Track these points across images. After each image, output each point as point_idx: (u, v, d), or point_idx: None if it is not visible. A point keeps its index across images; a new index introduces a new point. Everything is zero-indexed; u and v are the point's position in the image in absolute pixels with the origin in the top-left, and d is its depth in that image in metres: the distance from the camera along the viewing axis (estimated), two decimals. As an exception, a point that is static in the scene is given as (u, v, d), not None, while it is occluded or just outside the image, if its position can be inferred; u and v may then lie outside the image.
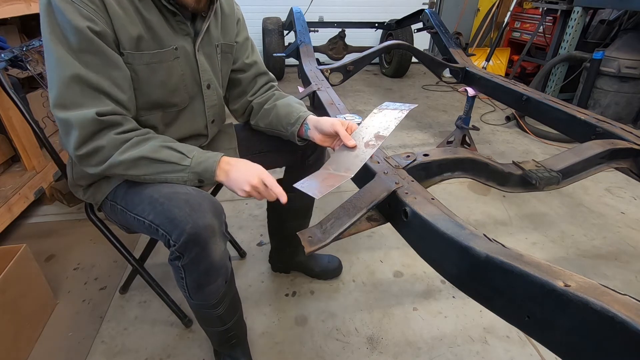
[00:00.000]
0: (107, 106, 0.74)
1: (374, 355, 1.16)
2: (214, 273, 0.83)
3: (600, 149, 1.10)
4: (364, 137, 0.91)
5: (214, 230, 0.77)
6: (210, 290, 0.86)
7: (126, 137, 0.76)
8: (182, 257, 0.78)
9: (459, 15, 4.89)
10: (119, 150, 0.76)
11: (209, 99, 0.96)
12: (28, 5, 1.69)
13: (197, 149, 0.83)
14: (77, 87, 0.72)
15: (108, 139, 0.75)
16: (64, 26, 0.70)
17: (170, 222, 0.76)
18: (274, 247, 1.43)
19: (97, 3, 0.71)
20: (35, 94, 1.91)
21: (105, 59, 0.74)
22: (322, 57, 4.22)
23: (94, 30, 0.71)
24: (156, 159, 0.78)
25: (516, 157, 2.48)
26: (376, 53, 2.09)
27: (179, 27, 0.84)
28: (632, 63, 2.60)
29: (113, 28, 0.74)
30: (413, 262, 1.52)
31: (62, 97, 0.72)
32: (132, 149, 0.76)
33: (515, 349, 1.18)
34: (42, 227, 1.71)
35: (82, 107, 0.72)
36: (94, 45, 0.72)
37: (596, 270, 1.50)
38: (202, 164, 0.80)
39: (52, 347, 1.16)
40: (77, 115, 0.72)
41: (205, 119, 0.98)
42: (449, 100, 3.66)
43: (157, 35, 0.80)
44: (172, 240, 0.77)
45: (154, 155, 0.77)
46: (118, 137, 0.75)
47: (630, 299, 0.46)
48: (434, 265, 0.75)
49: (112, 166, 0.77)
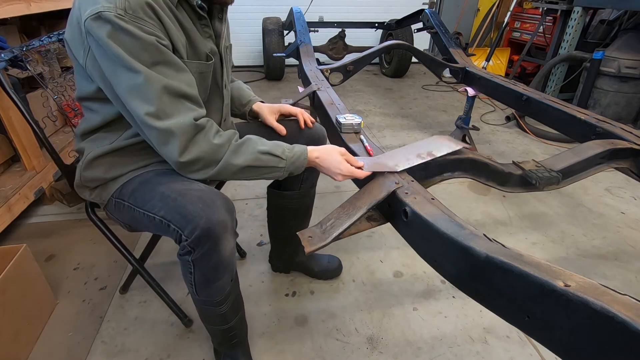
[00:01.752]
0: (195, 110, 0.79)
1: (374, 355, 1.16)
2: (222, 269, 0.85)
3: (600, 149, 1.10)
4: (419, 148, 1.02)
5: (226, 226, 0.80)
6: (217, 287, 0.88)
7: (221, 143, 0.81)
8: (194, 252, 0.79)
9: (459, 15, 4.89)
10: (224, 159, 0.82)
11: (226, 97, 1.00)
12: (28, 5, 1.69)
13: (284, 147, 0.89)
14: (166, 97, 0.75)
15: (206, 143, 0.80)
16: (135, 45, 0.71)
17: (183, 218, 0.78)
18: (274, 247, 1.43)
19: (153, 16, 0.73)
20: (35, 94, 1.91)
21: (176, 67, 0.77)
22: (322, 57, 4.22)
23: (161, 43, 0.74)
24: (259, 166, 0.85)
25: (516, 157, 2.48)
26: (376, 53, 2.09)
27: (203, 30, 0.87)
28: (632, 63, 2.60)
29: (170, 40, 0.77)
30: (413, 262, 1.52)
31: (157, 109, 0.74)
32: (235, 156, 0.83)
33: (515, 349, 1.18)
34: (42, 227, 1.71)
35: (177, 115, 0.76)
36: (164, 55, 0.75)
37: (596, 270, 1.50)
38: (295, 163, 0.88)
39: (52, 347, 1.16)
40: (176, 123, 0.75)
41: (221, 116, 1.00)
42: (449, 100, 3.66)
43: (194, 42, 0.84)
44: (184, 235, 0.78)
45: (256, 163, 0.85)
46: (215, 142, 0.80)
47: (630, 299, 0.46)
48: (434, 265, 0.75)
49: (221, 171, 0.83)
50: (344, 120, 1.15)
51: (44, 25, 2.18)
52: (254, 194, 1.99)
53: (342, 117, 1.17)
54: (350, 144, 1.09)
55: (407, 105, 3.51)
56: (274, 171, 0.88)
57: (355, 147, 1.07)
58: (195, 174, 0.83)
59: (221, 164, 0.82)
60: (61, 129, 2.20)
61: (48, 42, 1.22)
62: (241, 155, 0.83)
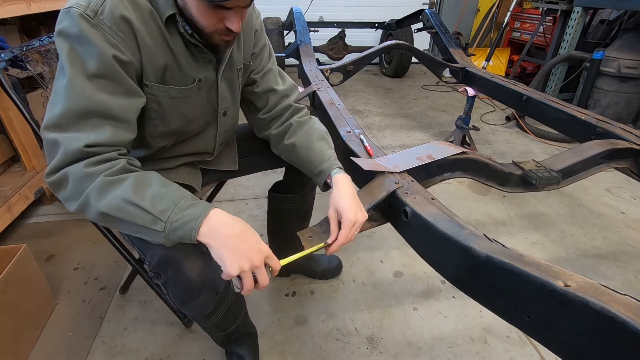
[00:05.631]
0: (98, 138, 0.65)
1: (374, 355, 1.16)
2: (196, 291, 0.78)
3: (600, 149, 1.10)
4: (419, 152, 1.00)
5: (188, 250, 0.73)
6: (197, 305, 0.81)
7: (91, 172, 0.64)
8: (159, 277, 0.76)
9: (459, 15, 4.89)
10: (85, 194, 0.64)
11: (222, 125, 0.93)
12: (28, 5, 1.69)
13: (177, 202, 0.66)
14: (81, 111, 0.65)
15: (77, 168, 0.64)
16: (85, 50, 0.65)
17: (143, 243, 0.75)
18: (274, 250, 1.42)
19: (126, 31, 0.67)
20: (35, 94, 1.90)
21: (122, 87, 0.68)
22: (322, 57, 4.22)
23: (120, 59, 0.66)
24: (121, 219, 0.65)
25: (516, 157, 2.48)
26: (376, 53, 2.09)
27: (200, 56, 0.79)
28: (632, 63, 2.60)
29: (140, 58, 0.70)
30: (413, 262, 1.52)
31: (61, 120, 0.64)
32: (98, 195, 0.63)
33: (515, 349, 1.18)
34: (42, 227, 1.71)
35: (74, 134, 0.64)
36: (114, 73, 0.67)
37: (596, 270, 1.50)
38: (176, 231, 0.64)
39: (52, 347, 1.16)
40: (66, 139, 0.63)
41: (215, 142, 0.95)
42: (449, 100, 3.66)
43: (182, 66, 0.77)
44: (146, 260, 0.75)
45: (118, 214, 0.64)
46: (84, 171, 0.63)
47: (630, 299, 0.46)
48: (434, 265, 0.75)
49: (83, 210, 0.66)
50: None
51: (43, 25, 2.18)
52: (254, 194, 1.99)
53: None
54: (350, 144, 1.09)
55: (407, 105, 3.51)
56: (147, 233, 0.65)
57: (356, 147, 1.07)
58: (61, 196, 0.67)
59: (82, 199, 0.64)
60: (61, 129, 2.20)
61: (48, 42, 1.22)
62: (105, 196, 0.63)
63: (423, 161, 0.96)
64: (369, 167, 0.91)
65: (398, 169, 0.91)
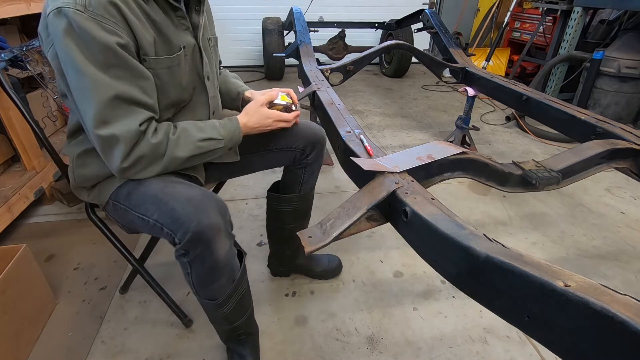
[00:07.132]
0: (143, 115, 0.78)
1: (374, 355, 1.16)
2: (219, 271, 0.85)
3: (600, 149, 1.10)
4: (419, 152, 1.01)
5: (218, 228, 0.80)
6: (216, 288, 0.88)
7: (159, 141, 0.81)
8: (188, 254, 0.80)
9: (459, 15, 4.89)
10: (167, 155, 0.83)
11: (210, 90, 0.99)
12: (28, 5, 1.69)
13: (218, 126, 0.91)
14: (114, 103, 0.74)
15: (146, 144, 0.79)
16: (90, 45, 0.70)
17: (175, 221, 0.78)
18: (274, 251, 1.42)
19: (116, 15, 0.71)
20: (35, 94, 1.91)
21: (132, 70, 0.76)
22: (322, 57, 4.22)
23: (120, 44, 0.72)
24: (202, 153, 0.88)
25: (516, 157, 2.48)
26: (376, 53, 2.09)
27: (179, 22, 0.86)
28: (632, 63, 2.60)
29: (134, 37, 0.76)
30: (413, 262, 1.52)
31: (102, 115, 0.74)
32: (177, 150, 0.84)
33: (515, 349, 1.18)
34: (42, 227, 1.71)
35: (122, 122, 0.75)
36: (121, 59, 0.73)
37: (596, 270, 1.50)
38: (232, 139, 0.93)
39: (52, 347, 1.16)
40: (121, 129, 0.75)
41: (208, 109, 1.00)
42: (449, 100, 3.66)
43: (166, 36, 0.83)
44: (177, 239, 0.79)
45: (199, 151, 0.87)
46: (153, 142, 0.80)
47: (630, 299, 0.46)
48: (434, 265, 0.74)
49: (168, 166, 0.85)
50: (277, 100, 1.09)
51: (44, 25, 2.18)
52: (254, 194, 1.99)
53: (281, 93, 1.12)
54: (350, 144, 1.09)
55: (407, 105, 3.51)
56: (217, 152, 0.92)
57: (356, 147, 1.07)
58: (140, 174, 0.84)
59: (165, 159, 0.83)
60: (61, 129, 2.20)
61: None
62: (183, 148, 0.85)
63: (423, 161, 0.96)
64: (369, 167, 0.91)
65: (398, 169, 0.91)
